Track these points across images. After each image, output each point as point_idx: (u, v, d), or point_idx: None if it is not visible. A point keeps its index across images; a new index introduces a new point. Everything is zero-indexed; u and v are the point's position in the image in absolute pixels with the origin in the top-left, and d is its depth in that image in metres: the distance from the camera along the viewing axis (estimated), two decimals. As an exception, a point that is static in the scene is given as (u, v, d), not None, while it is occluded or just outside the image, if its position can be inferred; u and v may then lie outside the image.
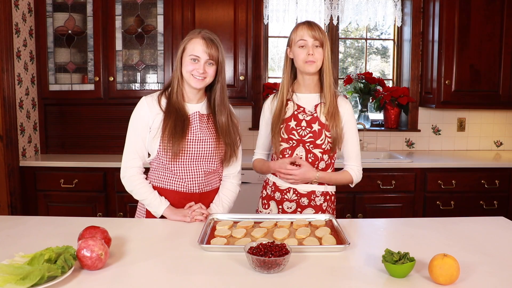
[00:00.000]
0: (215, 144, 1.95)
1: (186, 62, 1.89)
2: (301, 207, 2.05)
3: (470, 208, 3.31)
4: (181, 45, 1.92)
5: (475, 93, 3.54)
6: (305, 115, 2.02)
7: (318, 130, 2.00)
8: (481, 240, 1.64)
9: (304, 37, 1.95)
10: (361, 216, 3.26)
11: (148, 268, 1.36)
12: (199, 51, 1.87)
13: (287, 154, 2.03)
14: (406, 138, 3.98)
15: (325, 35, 1.97)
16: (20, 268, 1.18)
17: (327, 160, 2.05)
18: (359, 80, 3.95)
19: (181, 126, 1.88)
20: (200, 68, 1.87)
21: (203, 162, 1.94)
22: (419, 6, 3.83)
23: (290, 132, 2.02)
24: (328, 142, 2.01)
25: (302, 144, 2.01)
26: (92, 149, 3.62)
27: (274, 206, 2.10)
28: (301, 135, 2.01)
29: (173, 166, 1.92)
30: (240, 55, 3.43)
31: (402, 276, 1.29)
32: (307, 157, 2.02)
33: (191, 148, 1.90)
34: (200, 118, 1.95)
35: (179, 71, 1.92)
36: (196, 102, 1.98)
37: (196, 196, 1.96)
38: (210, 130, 1.96)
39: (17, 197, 3.18)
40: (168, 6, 3.38)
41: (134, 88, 3.46)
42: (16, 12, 3.20)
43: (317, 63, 1.96)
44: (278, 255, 1.32)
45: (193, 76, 1.88)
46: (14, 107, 3.17)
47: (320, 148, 2.01)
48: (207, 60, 1.88)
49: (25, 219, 1.90)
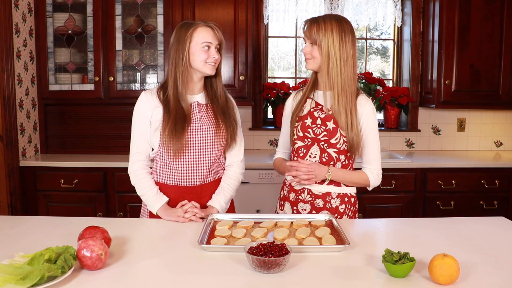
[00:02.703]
0: (215, 131, 1.95)
1: (197, 51, 1.88)
2: (316, 209, 1.98)
3: (470, 208, 3.31)
4: (186, 38, 1.88)
5: (475, 93, 3.54)
6: (321, 113, 1.96)
7: (332, 128, 1.93)
8: (481, 240, 1.64)
9: (303, 34, 1.96)
10: (361, 216, 3.26)
11: (148, 268, 1.36)
12: (210, 37, 1.89)
13: (301, 153, 1.99)
14: (406, 138, 3.98)
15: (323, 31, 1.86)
16: (20, 268, 1.18)
17: (343, 160, 1.97)
18: (359, 80, 3.95)
19: (181, 125, 1.88)
20: (214, 54, 1.90)
21: (204, 153, 1.94)
22: (419, 6, 3.83)
23: (306, 130, 1.97)
24: (343, 142, 1.92)
25: (317, 143, 1.95)
26: (92, 149, 3.62)
27: (288, 207, 2.06)
28: (316, 133, 1.96)
29: (175, 163, 1.93)
30: (240, 55, 3.43)
31: (402, 276, 1.29)
32: (321, 156, 1.95)
33: (192, 139, 1.91)
34: (199, 107, 1.96)
35: (188, 63, 1.89)
36: (197, 93, 1.99)
37: (198, 189, 1.96)
38: (210, 118, 1.96)
39: (17, 197, 3.18)
40: (168, 6, 3.38)
41: (134, 88, 3.46)
42: (16, 12, 3.20)
43: (315, 60, 1.92)
44: (278, 255, 1.32)
45: (208, 64, 1.90)
46: (14, 107, 3.17)
47: (335, 148, 1.93)
48: (216, 45, 1.92)
49: (25, 219, 1.90)
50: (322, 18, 1.91)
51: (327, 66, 1.90)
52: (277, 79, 4.05)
